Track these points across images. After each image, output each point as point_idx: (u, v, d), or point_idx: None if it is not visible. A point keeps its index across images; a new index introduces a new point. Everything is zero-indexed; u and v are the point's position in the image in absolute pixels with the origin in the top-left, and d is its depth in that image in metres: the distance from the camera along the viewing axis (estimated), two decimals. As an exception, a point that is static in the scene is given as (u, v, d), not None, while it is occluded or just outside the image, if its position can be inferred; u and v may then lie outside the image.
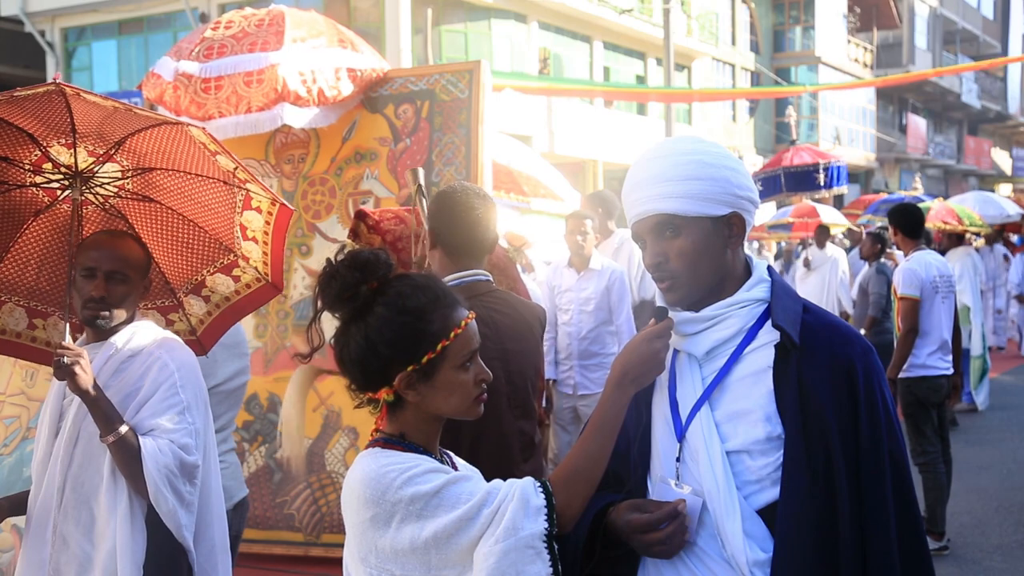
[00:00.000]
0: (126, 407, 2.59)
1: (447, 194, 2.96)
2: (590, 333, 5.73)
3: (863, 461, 1.81)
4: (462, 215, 2.88)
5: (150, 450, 2.52)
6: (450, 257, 2.88)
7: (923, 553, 1.86)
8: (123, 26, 23.33)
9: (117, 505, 2.56)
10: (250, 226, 2.87)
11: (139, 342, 2.68)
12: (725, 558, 1.82)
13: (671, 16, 20.68)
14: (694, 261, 1.87)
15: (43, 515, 2.62)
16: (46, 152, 2.69)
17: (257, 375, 5.43)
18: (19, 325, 2.95)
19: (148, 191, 2.86)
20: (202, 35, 5.36)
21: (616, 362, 1.88)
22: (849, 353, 1.86)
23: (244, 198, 2.81)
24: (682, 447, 1.89)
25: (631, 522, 1.84)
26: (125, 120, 2.60)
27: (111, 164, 2.77)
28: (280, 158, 5.56)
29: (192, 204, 2.88)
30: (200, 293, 3.01)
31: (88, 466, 2.61)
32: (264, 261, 2.92)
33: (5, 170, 2.72)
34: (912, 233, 6.18)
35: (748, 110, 33.61)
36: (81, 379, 2.48)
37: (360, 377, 1.85)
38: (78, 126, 2.57)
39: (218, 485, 2.81)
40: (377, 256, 1.85)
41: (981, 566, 5.51)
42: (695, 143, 1.93)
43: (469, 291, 2.82)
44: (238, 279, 2.98)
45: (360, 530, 1.77)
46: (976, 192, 17.51)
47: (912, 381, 5.85)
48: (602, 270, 5.78)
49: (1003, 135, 54.26)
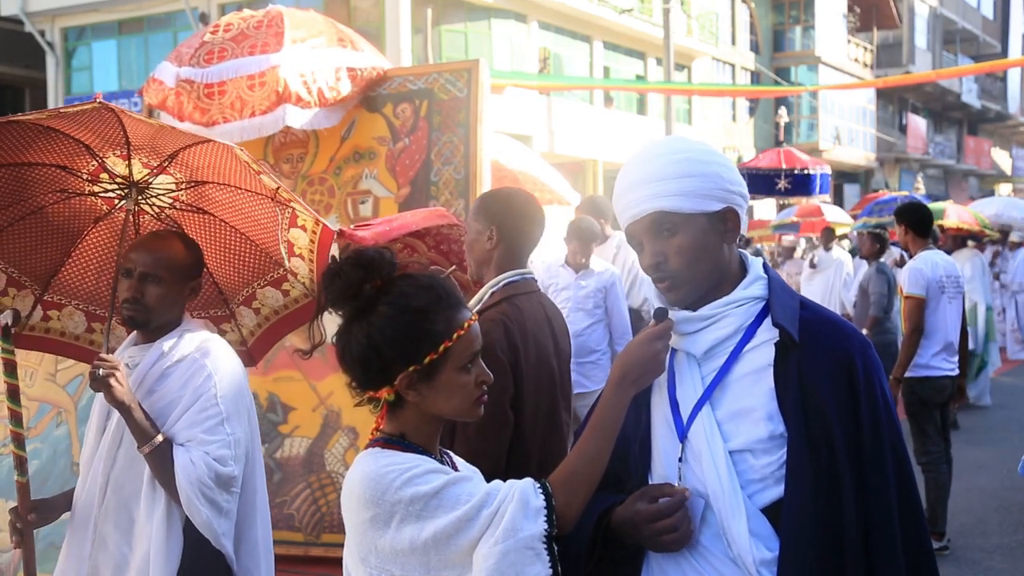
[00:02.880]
0: (167, 414, 2.59)
1: (510, 195, 3.06)
2: (586, 330, 5.73)
3: (865, 455, 1.81)
4: (527, 214, 2.98)
5: (182, 462, 2.52)
6: (510, 255, 2.95)
7: (925, 541, 1.87)
8: (123, 26, 23.35)
9: (154, 511, 2.56)
10: (296, 243, 2.88)
11: (185, 348, 2.67)
12: (731, 557, 1.81)
13: (671, 16, 20.69)
14: (693, 258, 1.87)
15: (85, 513, 2.64)
16: (102, 163, 2.72)
17: (257, 375, 5.43)
18: (78, 328, 3.01)
19: (201, 203, 2.89)
20: (201, 39, 5.36)
21: (616, 363, 1.88)
22: (848, 348, 1.86)
23: (291, 215, 2.83)
24: (684, 447, 1.88)
25: (639, 512, 1.83)
26: (173, 136, 2.64)
27: (165, 176, 2.80)
28: (279, 158, 5.56)
29: (243, 218, 2.90)
30: (251, 305, 3.03)
31: (130, 469, 2.62)
32: (311, 278, 2.94)
33: (64, 178, 2.76)
34: (922, 232, 6.12)
35: (748, 110, 33.62)
36: (116, 391, 2.48)
37: (361, 375, 1.84)
38: (131, 139, 2.60)
39: (263, 487, 2.80)
40: (381, 255, 1.85)
41: (981, 566, 5.51)
42: (683, 142, 1.95)
43: (529, 287, 2.95)
44: (287, 293, 3.00)
45: (360, 530, 1.76)
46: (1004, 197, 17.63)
47: (915, 381, 5.83)
48: (600, 272, 5.82)
49: (1003, 135, 54.27)
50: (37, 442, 4.21)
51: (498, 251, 2.94)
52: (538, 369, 2.85)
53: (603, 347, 5.80)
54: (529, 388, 2.82)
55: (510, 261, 2.94)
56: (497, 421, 2.71)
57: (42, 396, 4.25)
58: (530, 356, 2.82)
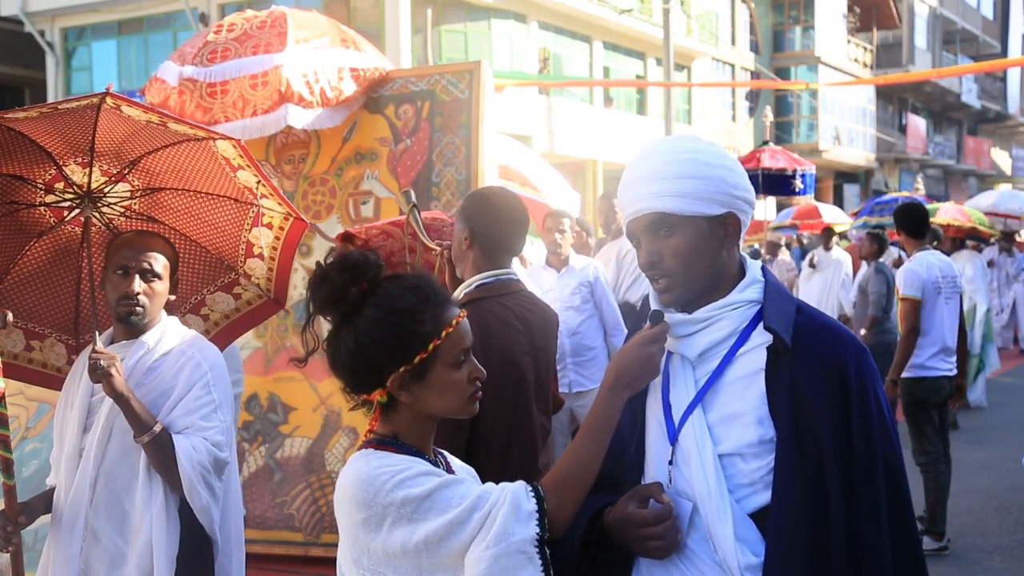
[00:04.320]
0: (160, 405, 2.64)
1: (486, 195, 3.03)
2: (580, 327, 5.71)
3: (856, 464, 1.79)
4: (503, 215, 2.94)
5: (184, 448, 2.57)
6: (487, 256, 2.93)
7: (917, 558, 1.85)
8: (123, 26, 23.31)
9: (152, 500, 2.60)
10: (257, 243, 2.91)
11: (170, 341, 2.73)
12: (717, 561, 1.80)
13: (671, 16, 20.68)
14: (688, 260, 1.86)
15: (74, 510, 2.65)
16: (61, 171, 2.73)
17: (257, 375, 5.44)
18: (16, 347, 2.99)
19: (153, 211, 2.91)
20: (204, 39, 5.37)
21: (610, 366, 1.87)
22: (842, 354, 1.84)
23: (255, 215, 2.85)
24: (675, 450, 1.87)
25: (629, 515, 1.82)
26: (150, 137, 2.64)
27: (123, 184, 2.82)
28: (280, 158, 5.56)
29: (197, 223, 2.93)
30: (199, 312, 3.06)
31: (121, 462, 2.65)
32: (268, 277, 2.97)
33: (18, 189, 2.77)
34: (916, 233, 6.12)
35: (748, 110, 33.60)
36: (116, 381, 2.54)
37: (353, 379, 1.85)
38: (98, 144, 2.62)
39: (236, 481, 2.86)
40: (367, 258, 1.84)
41: (981, 566, 5.51)
42: (691, 142, 1.92)
43: (504, 288, 2.90)
44: (239, 297, 3.03)
45: (352, 532, 1.76)
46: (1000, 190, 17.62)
47: (912, 381, 5.83)
48: (582, 267, 5.79)
49: (1003, 135, 54.22)
50: (36, 442, 4.22)
51: (473, 251, 2.93)
52: (502, 372, 2.78)
53: (599, 343, 5.78)
54: (490, 392, 2.78)
55: (487, 262, 2.92)
56: (450, 425, 2.63)
57: (41, 396, 4.26)
58: (492, 359, 2.73)
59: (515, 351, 2.86)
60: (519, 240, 3.01)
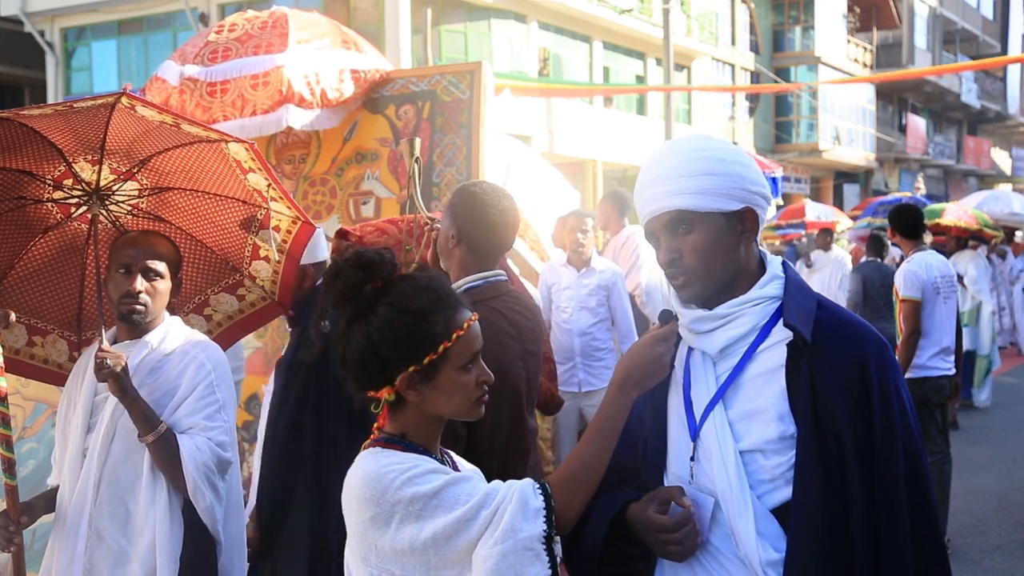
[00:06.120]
0: (163, 405, 2.64)
1: (474, 193, 2.89)
2: (591, 328, 5.72)
3: (877, 460, 1.80)
4: (490, 215, 2.84)
5: (188, 448, 2.57)
6: (473, 256, 2.85)
7: (939, 553, 1.85)
8: (123, 26, 23.31)
9: (156, 500, 2.61)
10: (264, 245, 2.91)
11: (174, 341, 2.73)
12: (739, 557, 1.82)
13: (671, 16, 20.68)
14: (708, 256, 1.87)
15: (77, 510, 2.65)
16: (71, 167, 2.73)
17: (258, 375, 5.44)
18: (18, 342, 2.99)
19: (160, 210, 2.91)
20: (205, 39, 5.37)
21: (619, 366, 1.88)
22: (863, 350, 1.85)
23: (263, 217, 2.84)
24: (696, 446, 1.89)
25: (650, 519, 1.84)
26: (162, 137, 2.64)
27: (131, 183, 2.82)
28: (281, 158, 5.56)
29: (204, 224, 2.93)
30: (202, 312, 3.06)
31: (126, 462, 2.65)
32: (273, 280, 2.96)
33: (26, 184, 2.77)
34: (910, 233, 6.16)
35: (748, 110, 33.60)
36: (122, 381, 2.55)
37: (362, 376, 1.85)
38: (109, 143, 2.62)
39: (238, 481, 2.86)
40: (382, 256, 1.85)
41: (981, 566, 5.52)
42: (706, 140, 1.94)
43: (493, 291, 2.82)
44: (242, 298, 3.03)
45: (360, 530, 1.77)
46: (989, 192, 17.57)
47: (914, 382, 5.83)
48: (602, 271, 5.79)
49: (1003, 135, 54.22)
50: (33, 442, 4.22)
51: (460, 250, 2.86)
52: (497, 380, 2.74)
53: (609, 345, 5.78)
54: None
55: (475, 262, 2.85)
56: (447, 439, 2.64)
57: (38, 396, 4.26)
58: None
59: (508, 357, 2.78)
60: (508, 239, 2.93)
